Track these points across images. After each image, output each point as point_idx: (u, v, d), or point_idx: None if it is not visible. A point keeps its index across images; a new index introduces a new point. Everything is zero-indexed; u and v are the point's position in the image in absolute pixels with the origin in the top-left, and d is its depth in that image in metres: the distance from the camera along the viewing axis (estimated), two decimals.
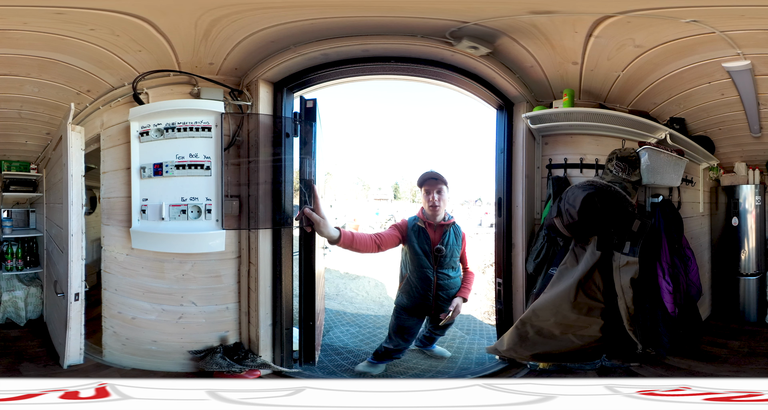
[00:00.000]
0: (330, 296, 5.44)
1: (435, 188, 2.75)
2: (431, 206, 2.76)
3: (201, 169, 2.31)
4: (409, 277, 2.79)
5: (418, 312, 2.80)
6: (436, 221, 2.78)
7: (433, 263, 2.74)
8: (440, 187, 2.76)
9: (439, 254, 2.75)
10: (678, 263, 2.50)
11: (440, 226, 2.79)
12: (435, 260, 2.75)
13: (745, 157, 3.20)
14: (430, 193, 2.76)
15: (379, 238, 2.66)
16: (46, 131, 2.92)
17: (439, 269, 2.75)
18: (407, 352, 2.99)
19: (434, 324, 2.87)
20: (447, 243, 2.76)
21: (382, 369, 2.83)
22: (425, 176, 2.81)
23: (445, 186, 2.78)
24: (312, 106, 2.56)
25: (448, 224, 2.80)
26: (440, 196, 2.76)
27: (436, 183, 2.76)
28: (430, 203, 2.76)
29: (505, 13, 1.97)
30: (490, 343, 3.02)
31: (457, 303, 2.74)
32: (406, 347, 2.88)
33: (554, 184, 2.54)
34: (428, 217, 2.79)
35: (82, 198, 2.37)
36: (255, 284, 2.40)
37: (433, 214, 2.77)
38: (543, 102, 2.58)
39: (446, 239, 2.77)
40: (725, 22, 1.93)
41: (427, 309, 2.79)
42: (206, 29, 2.06)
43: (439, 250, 2.74)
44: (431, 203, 2.76)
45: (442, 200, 2.77)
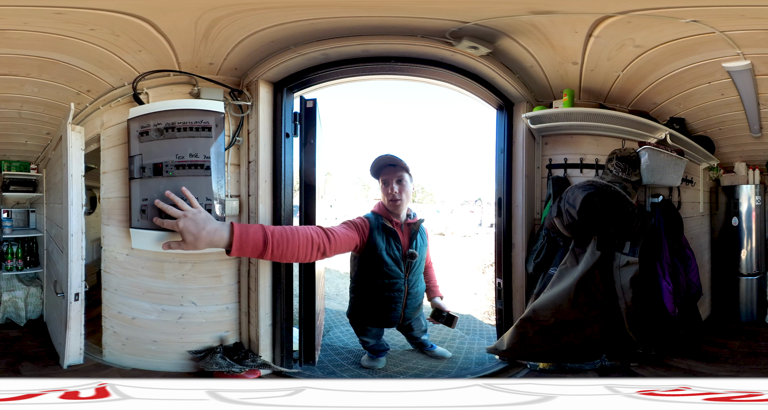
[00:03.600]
0: (330, 296, 5.44)
1: (394, 176, 2.32)
2: (391, 200, 2.32)
3: (201, 169, 2.31)
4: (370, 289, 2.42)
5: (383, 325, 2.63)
6: (402, 221, 2.43)
7: (405, 271, 2.41)
8: (401, 175, 2.32)
9: (412, 259, 2.39)
10: (678, 263, 2.50)
11: (407, 225, 2.45)
12: (407, 267, 2.41)
13: (745, 157, 3.20)
14: (388, 183, 2.32)
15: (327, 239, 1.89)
16: (46, 131, 2.91)
17: (411, 276, 2.47)
18: (408, 353, 2.99)
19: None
20: (418, 246, 2.48)
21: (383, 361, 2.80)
22: (381, 162, 2.34)
23: (407, 174, 2.35)
24: (312, 106, 2.56)
25: (416, 223, 2.47)
26: (402, 186, 2.32)
27: (394, 171, 2.32)
28: (390, 196, 2.32)
29: (505, 13, 1.97)
30: (490, 343, 3.01)
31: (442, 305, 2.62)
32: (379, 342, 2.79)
33: (554, 184, 2.53)
34: (392, 214, 2.39)
35: (82, 198, 2.37)
36: (255, 284, 2.40)
37: (394, 209, 2.35)
38: (543, 102, 2.58)
39: (417, 241, 2.49)
40: (725, 22, 1.93)
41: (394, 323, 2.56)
42: (206, 29, 2.06)
43: (413, 255, 2.37)
44: (391, 196, 2.31)
45: (404, 192, 2.33)
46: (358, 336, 2.81)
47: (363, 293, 2.52)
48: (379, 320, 2.57)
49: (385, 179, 2.36)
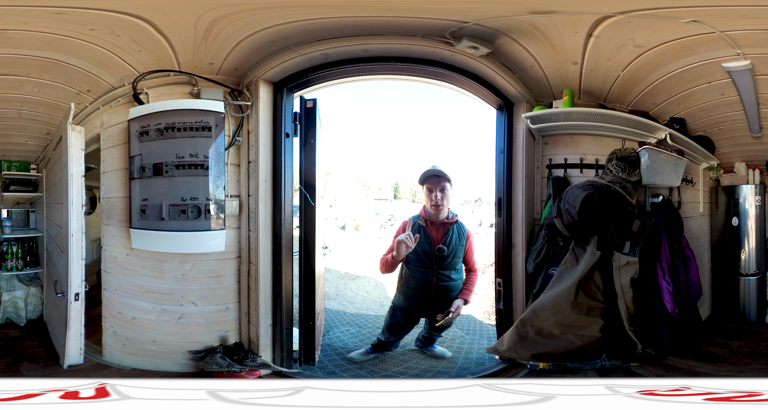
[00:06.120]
0: (330, 296, 5.44)
1: (438, 186, 2.66)
2: (434, 205, 2.67)
3: (201, 169, 2.31)
4: (408, 277, 2.72)
5: (414, 313, 2.75)
6: (439, 220, 2.70)
7: (434, 264, 2.66)
8: (443, 185, 2.67)
9: (441, 254, 2.66)
10: (678, 263, 2.50)
11: (443, 224, 2.70)
12: (435, 260, 2.66)
13: (745, 157, 3.20)
14: (432, 191, 2.67)
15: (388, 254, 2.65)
16: (46, 131, 2.92)
17: (440, 270, 2.67)
18: (408, 352, 2.99)
19: (431, 325, 2.83)
20: (449, 243, 2.68)
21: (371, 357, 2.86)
22: (427, 174, 2.71)
23: (448, 184, 2.69)
24: (312, 106, 2.57)
25: (451, 223, 2.71)
26: (443, 194, 2.67)
27: (439, 181, 2.67)
28: (433, 202, 2.67)
29: (505, 13, 1.97)
30: (490, 343, 3.02)
31: (457, 305, 2.67)
32: (396, 341, 2.89)
33: (554, 184, 2.53)
34: (430, 216, 2.70)
35: (82, 198, 2.37)
36: (255, 284, 2.40)
37: (435, 213, 2.68)
38: (543, 102, 2.58)
39: (449, 238, 2.69)
40: (725, 22, 1.93)
41: (424, 312, 2.73)
42: (206, 29, 2.06)
43: (441, 250, 2.65)
44: (434, 202, 2.67)
45: (446, 198, 2.68)
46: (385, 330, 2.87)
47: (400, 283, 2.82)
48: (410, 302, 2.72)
49: (430, 187, 2.69)
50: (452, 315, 2.64)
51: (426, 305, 2.69)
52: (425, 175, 2.72)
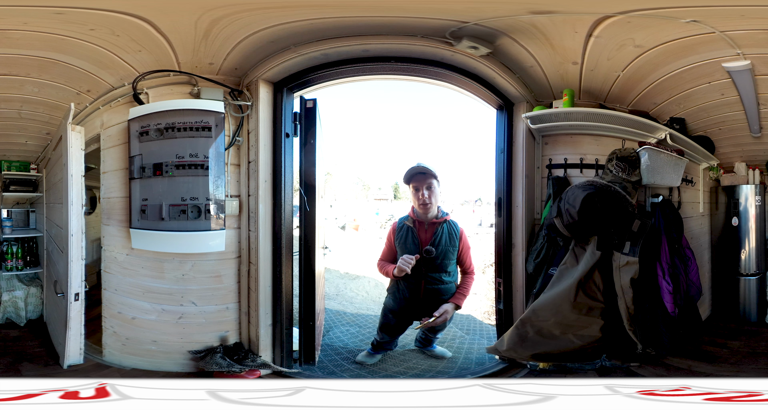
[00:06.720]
0: (330, 296, 5.44)
1: (424, 183, 2.55)
2: (421, 204, 2.57)
3: (201, 169, 2.31)
4: (398, 279, 2.62)
5: (404, 315, 2.68)
6: (428, 219, 2.60)
7: (422, 266, 2.53)
8: (429, 182, 2.56)
9: (429, 255, 2.53)
10: (678, 263, 2.50)
11: (432, 224, 2.59)
12: (424, 262, 2.54)
13: (745, 157, 3.20)
14: (419, 190, 2.56)
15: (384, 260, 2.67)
16: (46, 131, 2.92)
17: (429, 272, 2.55)
18: (408, 352, 2.99)
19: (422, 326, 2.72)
20: (438, 244, 2.56)
21: (378, 358, 2.82)
22: (412, 171, 2.59)
23: (435, 180, 2.58)
24: (312, 106, 2.57)
25: (440, 222, 2.61)
26: (431, 192, 2.56)
27: (424, 178, 2.56)
28: (420, 201, 2.56)
29: (505, 13, 1.97)
30: (490, 343, 3.02)
31: (444, 309, 2.55)
32: (392, 341, 2.85)
33: (554, 184, 2.53)
34: (419, 215, 2.60)
35: (82, 198, 2.37)
36: (255, 284, 2.40)
37: (424, 212, 2.58)
38: (543, 102, 2.58)
39: (437, 239, 2.58)
40: (725, 22, 1.93)
41: (414, 315, 2.64)
42: (206, 29, 2.06)
43: (429, 251, 2.52)
44: (421, 201, 2.56)
45: (433, 196, 2.57)
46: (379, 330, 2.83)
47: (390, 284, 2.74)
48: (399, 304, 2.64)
49: (416, 185, 2.57)
50: (437, 319, 2.52)
51: (415, 308, 2.60)
52: (410, 173, 2.60)
